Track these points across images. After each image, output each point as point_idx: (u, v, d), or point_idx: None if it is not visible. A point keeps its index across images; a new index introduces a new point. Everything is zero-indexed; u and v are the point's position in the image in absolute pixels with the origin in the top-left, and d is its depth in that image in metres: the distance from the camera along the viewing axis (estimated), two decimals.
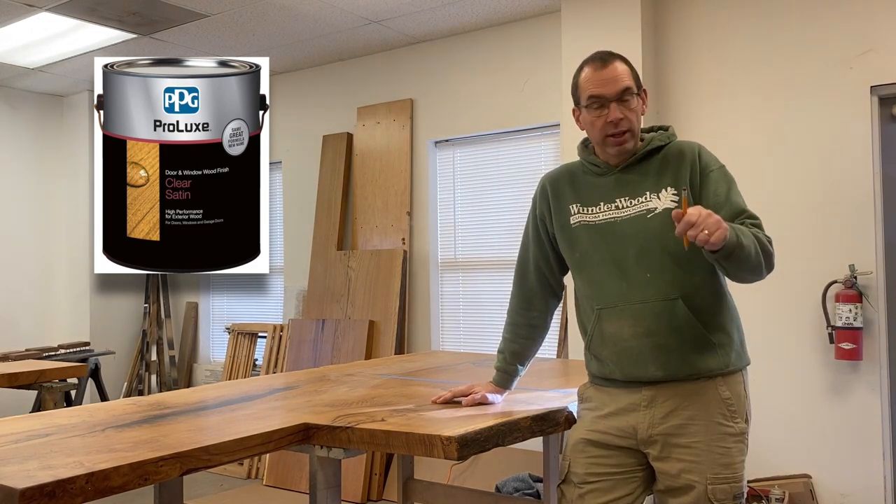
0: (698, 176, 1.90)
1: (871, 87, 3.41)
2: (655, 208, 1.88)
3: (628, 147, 1.92)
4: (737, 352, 1.90)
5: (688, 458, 1.82)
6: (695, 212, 1.64)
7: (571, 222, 1.99)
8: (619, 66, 1.90)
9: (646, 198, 1.90)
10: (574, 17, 3.98)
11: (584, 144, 2.06)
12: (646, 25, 3.84)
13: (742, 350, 1.93)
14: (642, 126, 1.98)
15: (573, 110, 2.01)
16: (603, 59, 1.91)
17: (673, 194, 1.88)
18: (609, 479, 1.89)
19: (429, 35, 4.74)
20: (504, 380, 2.13)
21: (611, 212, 1.93)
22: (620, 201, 1.93)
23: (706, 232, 1.62)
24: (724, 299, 1.91)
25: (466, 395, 2.06)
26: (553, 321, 2.19)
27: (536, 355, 2.19)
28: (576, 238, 1.98)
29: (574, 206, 2.00)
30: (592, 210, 1.96)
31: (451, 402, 2.07)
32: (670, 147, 1.95)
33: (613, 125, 1.88)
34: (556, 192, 2.05)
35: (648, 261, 1.86)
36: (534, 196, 2.12)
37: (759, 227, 1.85)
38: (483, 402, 2.05)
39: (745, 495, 1.86)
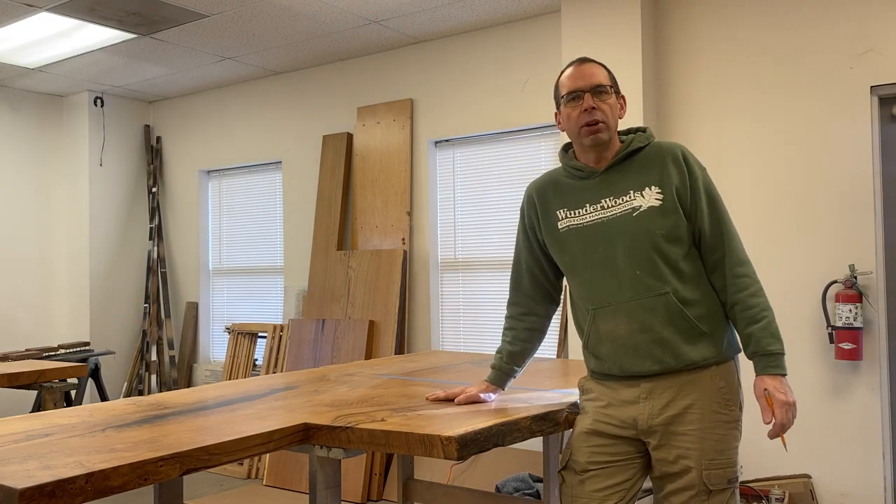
0: (687, 179, 1.95)
1: (871, 87, 3.41)
2: (640, 206, 1.93)
3: (602, 138, 1.97)
4: (727, 339, 1.96)
5: (684, 445, 1.88)
6: (782, 416, 1.87)
7: (560, 227, 2.04)
8: (596, 67, 2.02)
9: (630, 196, 1.95)
10: (574, 17, 3.98)
11: (565, 150, 2.13)
12: (646, 25, 3.84)
13: (732, 337, 1.99)
14: (621, 128, 2.07)
15: (555, 114, 2.08)
16: (581, 60, 2.04)
17: (657, 192, 1.93)
18: (609, 466, 1.95)
19: (429, 35, 4.75)
20: (499, 378, 2.16)
21: (597, 212, 1.98)
22: (605, 201, 1.98)
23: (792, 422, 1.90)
24: (708, 290, 1.96)
25: (460, 395, 2.10)
26: (553, 321, 2.20)
27: (536, 355, 2.20)
28: (565, 242, 2.03)
29: (561, 211, 2.05)
30: (579, 212, 2.01)
31: (445, 401, 2.10)
32: (650, 147, 2.01)
33: (588, 114, 1.96)
34: (542, 199, 2.10)
35: (637, 258, 1.91)
36: (521, 205, 2.18)
37: (752, 275, 1.93)
38: (476, 401, 2.08)
39: (738, 479, 1.94)
